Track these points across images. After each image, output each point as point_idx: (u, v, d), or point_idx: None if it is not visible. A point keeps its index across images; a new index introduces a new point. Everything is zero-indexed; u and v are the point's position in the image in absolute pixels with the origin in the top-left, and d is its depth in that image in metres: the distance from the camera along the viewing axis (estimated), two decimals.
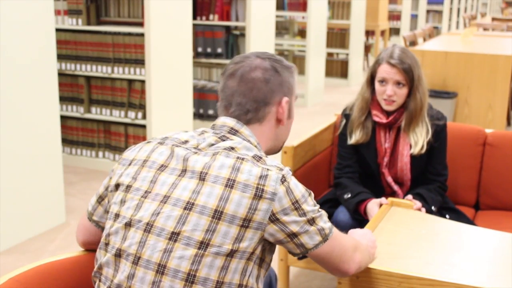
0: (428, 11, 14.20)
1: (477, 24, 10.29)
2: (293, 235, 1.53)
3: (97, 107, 4.95)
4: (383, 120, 2.72)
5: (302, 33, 9.20)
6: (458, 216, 2.73)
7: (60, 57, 4.88)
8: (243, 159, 1.51)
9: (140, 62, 4.65)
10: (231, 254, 1.45)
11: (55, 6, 4.79)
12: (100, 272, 1.56)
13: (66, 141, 5.11)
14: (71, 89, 5.00)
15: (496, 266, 1.98)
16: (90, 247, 1.76)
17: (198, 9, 6.21)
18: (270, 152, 1.74)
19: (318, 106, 7.84)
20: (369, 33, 11.18)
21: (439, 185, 2.76)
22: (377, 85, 2.70)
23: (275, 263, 2.98)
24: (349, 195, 2.70)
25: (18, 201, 3.57)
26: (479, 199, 3.09)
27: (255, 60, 1.65)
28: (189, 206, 1.47)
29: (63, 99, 4.98)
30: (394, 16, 13.11)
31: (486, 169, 3.06)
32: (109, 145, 5.00)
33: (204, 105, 6.36)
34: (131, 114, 4.79)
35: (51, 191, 3.83)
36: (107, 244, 1.55)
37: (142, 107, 4.74)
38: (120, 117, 4.85)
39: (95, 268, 1.59)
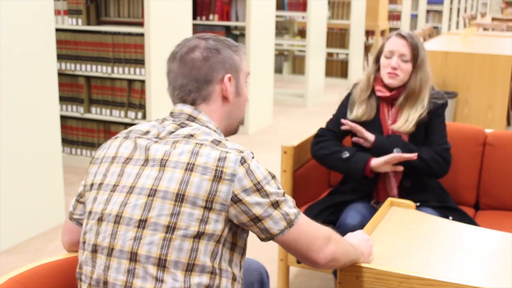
0: (428, 11, 14.19)
1: (477, 24, 10.29)
2: (256, 219, 1.54)
3: (97, 107, 4.95)
4: (386, 93, 2.73)
5: (302, 33, 9.19)
6: (461, 216, 2.70)
7: (60, 57, 4.88)
8: (202, 144, 1.53)
9: (140, 62, 4.65)
10: (198, 236, 1.47)
11: (55, 6, 4.79)
12: (81, 271, 1.58)
13: (66, 141, 5.11)
14: (71, 89, 5.00)
15: (496, 266, 1.98)
16: (76, 249, 1.77)
17: (198, 9, 6.21)
18: (227, 132, 1.75)
19: (318, 106, 7.84)
20: (369, 33, 11.17)
21: (435, 151, 2.69)
22: (382, 60, 2.73)
23: (275, 263, 2.98)
24: (347, 154, 2.69)
25: (18, 201, 3.57)
26: (479, 199, 3.09)
27: (194, 41, 1.66)
28: (152, 193, 1.50)
29: (63, 99, 4.98)
30: (394, 16, 13.10)
31: (486, 169, 3.06)
32: None
33: None
34: (131, 114, 4.79)
35: (51, 191, 3.83)
36: (84, 243, 1.58)
37: (142, 107, 4.74)
38: (120, 117, 4.85)
39: (77, 269, 1.61)
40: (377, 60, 2.79)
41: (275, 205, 1.55)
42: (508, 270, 1.91)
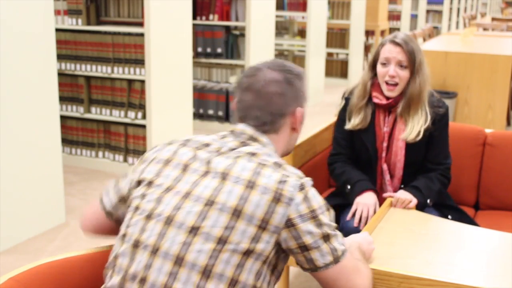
0: (428, 11, 14.19)
1: (477, 24, 10.29)
2: (304, 248, 1.55)
3: (97, 107, 4.95)
4: (383, 101, 2.68)
5: (302, 33, 9.19)
6: (460, 216, 2.70)
7: (60, 57, 4.88)
8: (264, 164, 1.57)
9: (140, 62, 4.65)
10: (247, 253, 1.49)
11: (55, 6, 4.79)
12: (115, 262, 1.58)
13: (66, 141, 5.11)
14: (71, 89, 5.00)
15: (496, 266, 1.98)
16: (97, 233, 1.81)
17: (198, 9, 6.21)
18: (283, 155, 1.79)
19: (318, 106, 7.84)
20: (369, 33, 11.17)
21: (440, 173, 2.70)
22: (379, 68, 2.67)
23: None
24: (349, 187, 2.68)
25: (18, 201, 3.57)
26: (479, 199, 3.09)
27: (268, 73, 1.70)
28: (209, 203, 1.51)
29: (63, 99, 4.98)
30: (394, 16, 13.10)
31: (486, 169, 3.06)
32: (109, 145, 5.00)
33: (204, 105, 6.36)
34: (131, 114, 4.79)
35: (51, 191, 3.83)
36: (124, 235, 1.58)
37: (142, 107, 4.74)
38: (120, 117, 4.85)
39: (109, 259, 1.61)
40: (373, 66, 2.72)
41: (326, 238, 1.56)
42: (508, 270, 1.91)
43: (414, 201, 2.51)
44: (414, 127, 2.64)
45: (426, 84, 2.66)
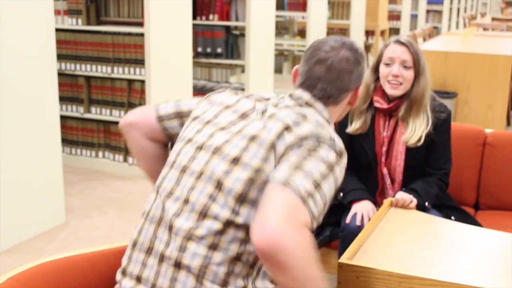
0: (428, 11, 14.20)
1: (477, 24, 10.29)
2: (279, 162, 1.58)
3: (97, 107, 4.95)
4: (384, 105, 2.67)
5: (302, 33, 9.19)
6: (463, 217, 2.69)
7: (60, 57, 4.88)
8: (309, 121, 1.66)
9: (140, 62, 4.65)
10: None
11: (55, 6, 4.79)
12: (161, 185, 1.73)
13: (66, 141, 5.11)
14: (71, 89, 5.00)
15: (497, 266, 1.98)
16: (137, 127, 1.91)
17: (198, 9, 6.21)
18: None
19: None
20: (369, 33, 11.17)
21: (439, 178, 2.69)
22: (382, 68, 2.65)
23: None
24: (341, 194, 2.66)
25: (18, 201, 3.57)
26: (479, 199, 3.09)
27: (342, 51, 1.80)
28: (252, 138, 1.65)
29: (63, 99, 4.98)
30: (394, 16, 13.11)
31: (486, 169, 3.06)
32: (109, 145, 5.00)
33: None
34: None
35: (51, 191, 3.83)
36: (174, 162, 1.73)
37: None
38: (120, 117, 4.84)
39: (157, 182, 1.77)
40: (376, 69, 2.70)
41: (297, 168, 1.53)
42: (509, 270, 1.91)
43: (415, 201, 2.50)
44: (416, 130, 2.62)
45: (428, 88, 2.65)
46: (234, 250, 1.59)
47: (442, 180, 2.70)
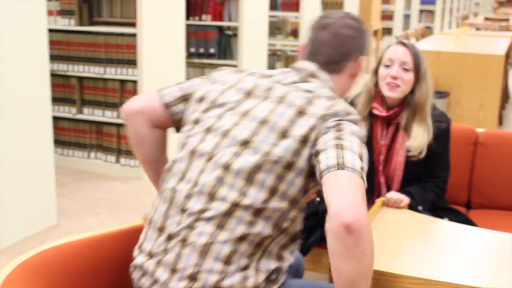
0: (420, 11, 14.23)
1: (469, 24, 10.32)
2: (317, 152, 1.61)
3: (89, 108, 4.94)
4: (383, 113, 2.61)
5: (295, 33, 9.19)
6: (456, 217, 2.65)
7: (53, 58, 4.86)
8: (318, 96, 1.71)
9: (132, 62, 4.64)
10: (288, 166, 1.63)
11: (48, 6, 4.77)
12: (172, 166, 1.76)
13: (58, 142, 5.10)
14: (63, 89, 4.99)
15: (488, 265, 1.98)
16: (135, 117, 1.94)
17: (191, 9, 6.20)
18: None
19: None
20: None
21: (436, 185, 2.65)
22: (381, 70, 2.59)
23: None
24: (318, 199, 2.58)
25: (9, 203, 3.56)
26: (471, 198, 3.10)
27: (346, 19, 1.86)
28: (263, 121, 1.68)
29: (55, 100, 4.96)
30: (387, 16, 13.13)
31: (477, 168, 3.07)
32: (101, 146, 4.99)
33: None
34: None
35: (42, 192, 3.82)
36: (185, 144, 1.77)
37: None
38: (112, 117, 4.84)
39: (168, 164, 1.80)
40: (376, 71, 2.64)
41: (339, 146, 1.57)
42: (500, 269, 1.92)
43: (406, 200, 2.49)
44: (419, 139, 2.56)
45: (430, 94, 2.58)
46: (240, 230, 1.61)
47: (439, 187, 2.67)
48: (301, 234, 1.77)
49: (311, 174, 1.65)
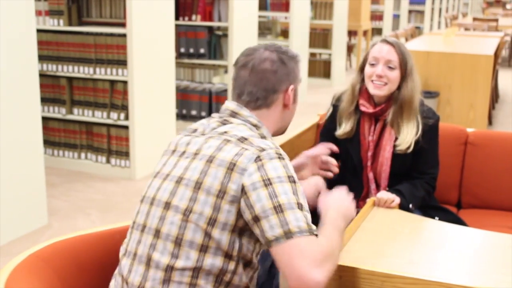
0: (410, 11, 14.27)
1: (458, 24, 10.36)
2: (256, 218, 1.57)
3: (79, 108, 4.92)
4: (370, 109, 2.62)
5: (284, 34, 9.19)
6: (446, 216, 2.67)
7: (42, 58, 4.85)
8: (228, 140, 1.68)
9: (122, 62, 4.63)
10: (211, 222, 1.60)
11: (36, 6, 4.75)
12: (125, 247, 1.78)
13: (48, 143, 5.08)
14: (52, 90, 4.97)
15: (478, 264, 1.99)
16: None
17: (181, 10, 6.20)
18: (277, 133, 1.91)
19: (300, 106, 7.77)
20: (351, 33, 11.21)
21: (426, 181, 2.66)
22: (367, 68, 2.60)
23: None
24: None
25: (0, 204, 3.54)
26: (461, 198, 3.11)
27: (264, 53, 1.82)
28: (179, 180, 1.68)
29: (44, 100, 4.95)
30: (377, 16, 13.16)
31: (467, 168, 3.08)
32: (91, 146, 4.97)
33: (187, 106, 6.34)
34: (114, 115, 4.77)
35: (33, 193, 3.81)
36: (134, 222, 1.78)
37: (124, 108, 4.72)
38: (102, 118, 4.82)
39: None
40: (361, 70, 2.65)
41: (278, 208, 1.55)
42: (490, 268, 1.92)
43: (397, 200, 2.49)
44: (406, 138, 2.57)
45: (417, 91, 2.59)
46: None
47: (429, 184, 2.68)
48: (255, 277, 1.76)
49: (242, 231, 1.63)
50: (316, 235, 1.58)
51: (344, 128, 2.68)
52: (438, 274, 1.85)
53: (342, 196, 1.90)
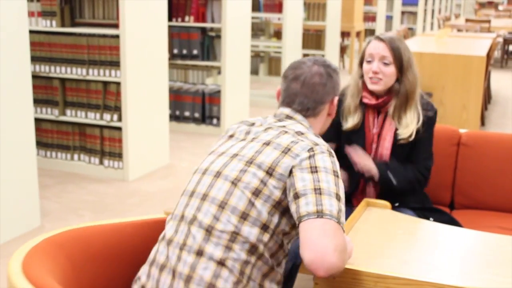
0: (403, 12, 14.30)
1: (451, 25, 10.39)
2: (296, 195, 1.71)
3: (72, 110, 4.91)
4: (372, 101, 2.68)
5: (278, 35, 9.20)
6: (441, 216, 2.69)
7: (34, 59, 4.83)
8: (286, 132, 1.87)
9: (115, 64, 4.62)
10: (256, 192, 1.75)
11: (29, 7, 4.74)
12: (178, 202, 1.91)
13: (40, 144, 5.06)
14: (45, 91, 4.95)
15: (471, 265, 2.00)
16: None
17: (174, 11, 6.19)
18: None
19: None
20: (344, 34, 11.23)
21: (418, 168, 2.70)
22: (364, 65, 2.68)
23: None
24: None
25: None
26: (454, 198, 3.12)
27: (313, 67, 2.02)
28: (233, 156, 1.85)
29: (37, 102, 4.93)
30: (369, 17, 13.18)
31: (460, 168, 3.09)
32: (84, 147, 4.96)
33: (180, 107, 6.34)
34: (107, 116, 4.76)
35: (25, 195, 3.79)
36: (184, 190, 1.91)
37: (117, 109, 4.71)
38: (95, 119, 4.81)
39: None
40: (361, 64, 2.73)
41: (318, 191, 1.69)
42: (483, 269, 1.93)
43: (374, 171, 2.60)
44: (408, 125, 2.64)
45: (417, 83, 2.67)
46: (218, 255, 1.72)
47: (421, 173, 2.72)
48: (283, 264, 1.84)
49: (284, 210, 1.76)
50: (343, 230, 1.69)
51: (352, 121, 2.72)
52: (432, 275, 1.85)
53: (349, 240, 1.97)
